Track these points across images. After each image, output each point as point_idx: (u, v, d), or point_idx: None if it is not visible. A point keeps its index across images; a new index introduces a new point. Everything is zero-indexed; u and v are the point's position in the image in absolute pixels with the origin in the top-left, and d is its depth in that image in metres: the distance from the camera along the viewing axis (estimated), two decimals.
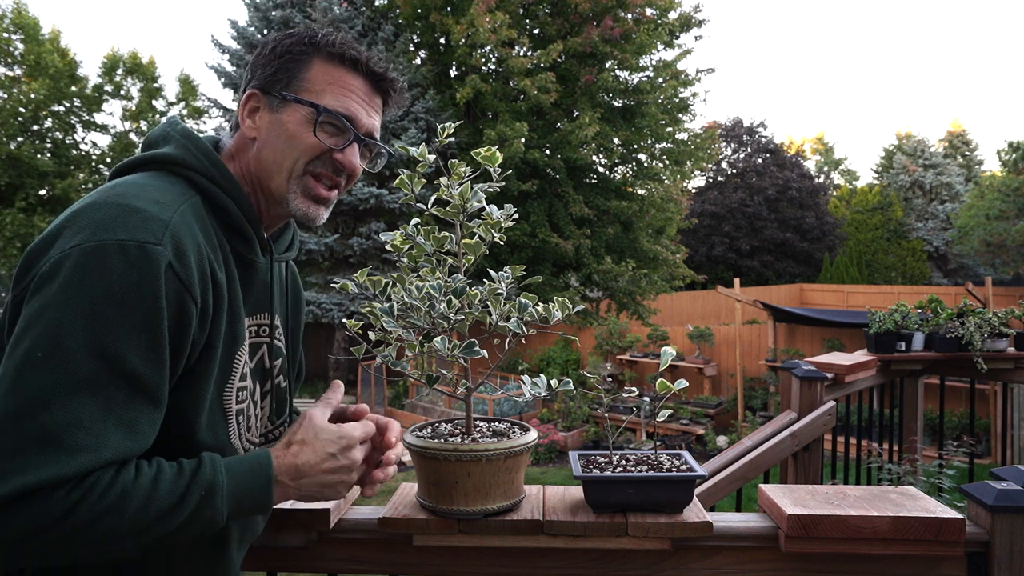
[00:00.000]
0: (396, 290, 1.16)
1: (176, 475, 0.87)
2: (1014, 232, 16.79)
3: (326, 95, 1.06)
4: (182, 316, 0.88)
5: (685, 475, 1.16)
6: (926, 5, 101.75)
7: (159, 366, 0.86)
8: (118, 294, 0.82)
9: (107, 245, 0.83)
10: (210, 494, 0.88)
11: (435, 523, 1.14)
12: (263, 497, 0.94)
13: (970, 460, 4.07)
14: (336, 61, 1.07)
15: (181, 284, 0.87)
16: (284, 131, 1.05)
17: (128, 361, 0.83)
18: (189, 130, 1.05)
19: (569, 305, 1.17)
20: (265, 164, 1.06)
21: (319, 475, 0.99)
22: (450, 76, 13.50)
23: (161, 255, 0.85)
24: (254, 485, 0.93)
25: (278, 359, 1.16)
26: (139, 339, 0.83)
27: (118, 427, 0.82)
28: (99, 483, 0.81)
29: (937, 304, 3.96)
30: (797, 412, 2.87)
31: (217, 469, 0.90)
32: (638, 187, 13.71)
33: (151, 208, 0.88)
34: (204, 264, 0.92)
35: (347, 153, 1.07)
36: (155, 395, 0.86)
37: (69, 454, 0.78)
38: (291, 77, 1.06)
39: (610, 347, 10.74)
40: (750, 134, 23.65)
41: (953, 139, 27.40)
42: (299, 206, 1.07)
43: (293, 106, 1.05)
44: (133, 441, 0.84)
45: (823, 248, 21.84)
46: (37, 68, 15.53)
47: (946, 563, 1.14)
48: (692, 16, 13.36)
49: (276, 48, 1.07)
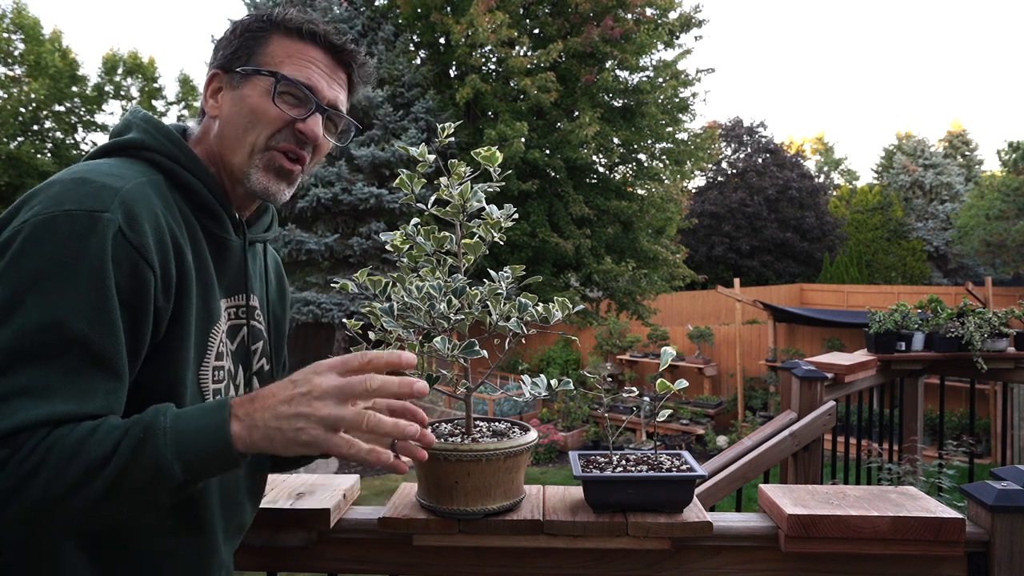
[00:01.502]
0: (396, 290, 1.16)
1: (114, 426, 0.80)
2: (1014, 232, 16.78)
3: (285, 66, 1.05)
4: (137, 282, 0.86)
5: (685, 475, 1.16)
6: (926, 5, 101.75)
7: (110, 332, 0.83)
8: (63, 261, 0.81)
9: (55, 216, 0.83)
10: (149, 435, 0.78)
11: (435, 523, 1.14)
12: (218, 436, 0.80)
13: (970, 460, 4.07)
14: (294, 35, 1.06)
15: (133, 249, 0.85)
16: (244, 105, 1.04)
17: (75, 327, 0.81)
18: (151, 116, 1.05)
19: (569, 305, 1.17)
20: (227, 141, 1.05)
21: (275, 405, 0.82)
22: (450, 76, 13.50)
23: (108, 220, 0.84)
24: (207, 424, 0.81)
25: (259, 341, 1.15)
26: (84, 304, 0.81)
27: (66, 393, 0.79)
28: (28, 442, 0.76)
29: (937, 304, 3.96)
30: (797, 412, 2.87)
31: (160, 411, 0.82)
32: (638, 187, 13.71)
33: (103, 179, 0.88)
34: (164, 234, 0.91)
35: (309, 123, 1.05)
36: (108, 361, 0.83)
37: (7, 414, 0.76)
38: (250, 53, 1.05)
39: (610, 347, 10.74)
40: (750, 134, 23.64)
41: (953, 139, 27.40)
42: (259, 180, 1.05)
43: (253, 80, 1.04)
44: (80, 406, 0.80)
45: (823, 248, 21.84)
46: (37, 68, 15.54)
47: (946, 563, 1.14)
48: (692, 16, 13.35)
49: (236, 28, 1.07)
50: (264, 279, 1.20)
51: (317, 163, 1.13)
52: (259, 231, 1.16)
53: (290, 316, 1.32)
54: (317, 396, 0.82)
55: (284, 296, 1.28)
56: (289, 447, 0.82)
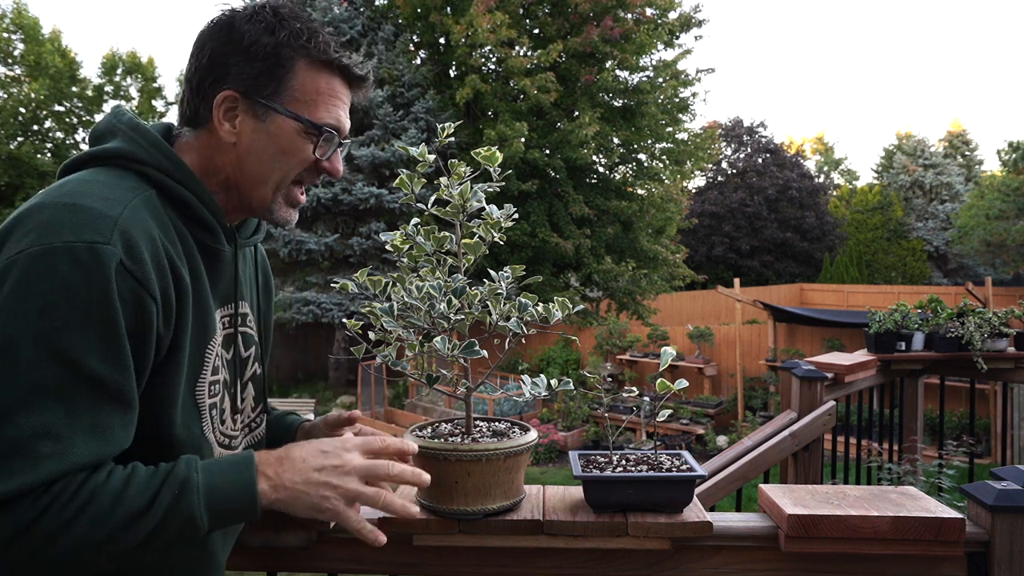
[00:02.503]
0: (396, 290, 1.16)
1: (150, 476, 0.84)
2: (1014, 232, 16.79)
3: (319, 108, 1.02)
4: (141, 314, 0.85)
5: (685, 475, 1.16)
6: (926, 5, 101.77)
7: (121, 367, 0.83)
8: (68, 297, 0.80)
9: (54, 248, 0.81)
10: (184, 490, 0.84)
11: (435, 523, 1.14)
12: (246, 493, 0.87)
13: (970, 460, 4.07)
14: (322, 67, 1.02)
15: (136, 281, 0.84)
16: (273, 144, 1.00)
17: (87, 364, 0.80)
18: (136, 121, 1.00)
19: (569, 305, 1.17)
20: (249, 174, 1.02)
21: (306, 470, 0.91)
22: (450, 76, 13.51)
23: (110, 254, 0.82)
24: (236, 479, 0.87)
25: (251, 347, 1.14)
26: (95, 341, 0.81)
27: (87, 433, 0.80)
28: (67, 488, 0.78)
29: (937, 304, 3.96)
30: (797, 412, 2.87)
31: (192, 466, 0.86)
32: (638, 187, 13.72)
33: (98, 205, 0.85)
34: (162, 259, 0.89)
35: (333, 160, 1.06)
36: (122, 397, 0.84)
37: (34, 463, 0.76)
38: (277, 84, 1.00)
39: (610, 347, 10.74)
40: (750, 134, 23.65)
41: (953, 139, 27.41)
42: (281, 215, 1.06)
43: (282, 117, 1.00)
44: (104, 445, 0.82)
45: (823, 248, 21.85)
46: (37, 68, 15.54)
47: (946, 563, 1.14)
48: (692, 16, 13.36)
49: (256, 47, 0.99)
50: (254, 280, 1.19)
51: None
52: (248, 232, 1.14)
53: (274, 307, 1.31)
54: (347, 472, 0.93)
55: (269, 291, 1.27)
56: (308, 511, 0.92)
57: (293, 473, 0.90)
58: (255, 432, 1.17)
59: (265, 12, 1.01)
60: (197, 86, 1.01)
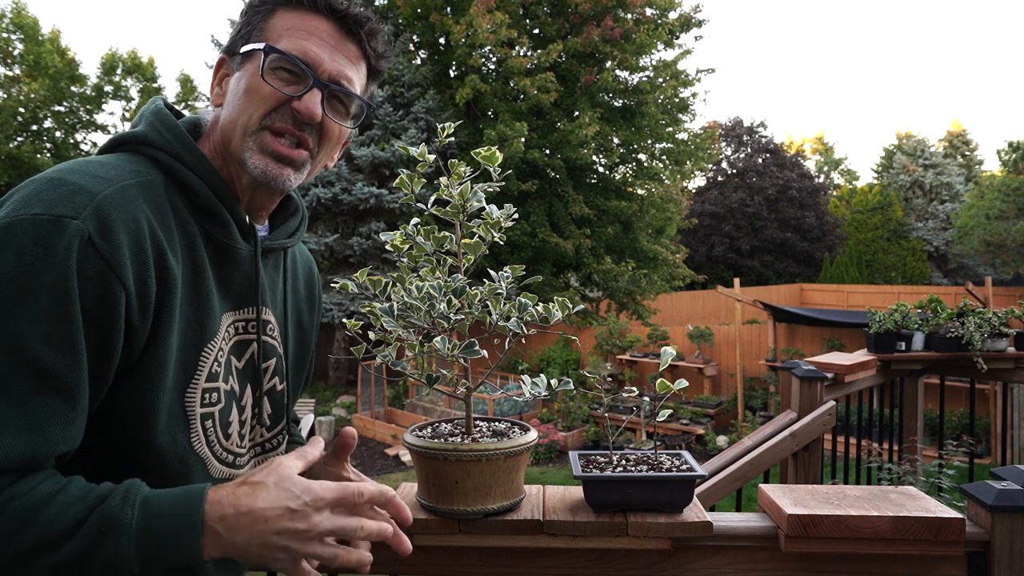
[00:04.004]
0: (396, 290, 1.16)
1: (79, 498, 0.73)
2: (1014, 232, 16.79)
3: (283, 39, 0.96)
4: (105, 299, 0.78)
5: (685, 475, 1.16)
6: (926, 5, 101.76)
7: (71, 354, 0.75)
8: (22, 272, 0.73)
9: (21, 219, 0.75)
10: (111, 530, 0.71)
11: (435, 523, 1.14)
12: (185, 545, 0.73)
13: (970, 460, 4.07)
14: (297, 6, 0.98)
15: (104, 262, 0.77)
16: (239, 86, 0.97)
17: (29, 346, 0.72)
18: (163, 109, 0.97)
19: (569, 305, 1.17)
20: (225, 127, 0.97)
21: (265, 531, 0.77)
22: (450, 76, 13.51)
23: (75, 229, 0.76)
24: (176, 527, 0.74)
25: (271, 359, 1.06)
26: (43, 321, 0.73)
27: (18, 425, 0.71)
28: None
29: (937, 304, 3.96)
30: (797, 412, 2.87)
31: (129, 501, 0.74)
32: (638, 187, 13.72)
33: (82, 181, 0.80)
34: (144, 244, 0.82)
35: (305, 100, 0.95)
36: (67, 389, 0.75)
37: None
38: (252, 30, 0.98)
39: (610, 347, 10.74)
40: (750, 134, 23.65)
41: (953, 139, 27.42)
42: (256, 163, 0.95)
43: (250, 58, 0.96)
44: (35, 443, 0.72)
45: (823, 248, 21.85)
46: (37, 68, 15.54)
47: (946, 563, 1.14)
48: (692, 16, 13.36)
49: (245, 9, 1.01)
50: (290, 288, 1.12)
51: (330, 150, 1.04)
52: (284, 235, 1.08)
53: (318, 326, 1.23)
54: (312, 537, 0.79)
55: (314, 305, 1.19)
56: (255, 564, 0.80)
57: (248, 534, 0.76)
58: (270, 453, 1.08)
59: None
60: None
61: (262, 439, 1.07)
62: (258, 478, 0.81)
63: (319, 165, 1.04)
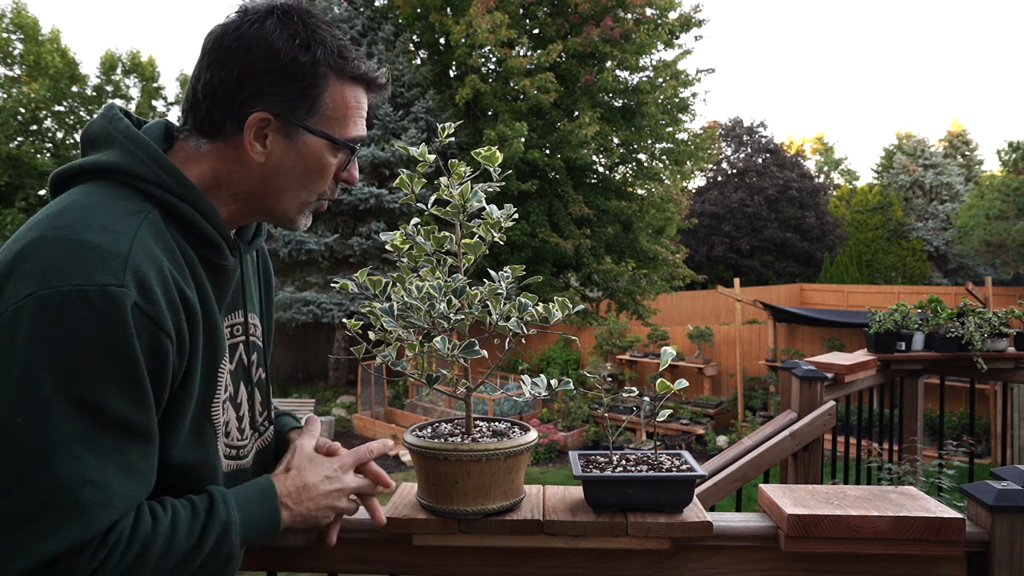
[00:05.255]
0: (396, 290, 1.16)
1: (191, 517, 0.88)
2: (1014, 232, 16.79)
3: (347, 124, 1.01)
4: (158, 355, 0.84)
5: (685, 475, 1.16)
6: (926, 5, 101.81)
7: (144, 406, 0.83)
8: (86, 344, 0.78)
9: (64, 292, 0.77)
10: (225, 532, 0.89)
11: (435, 523, 1.14)
12: (272, 525, 0.97)
13: (970, 460, 4.07)
14: (352, 82, 1.01)
15: (151, 322, 0.82)
16: (303, 163, 0.99)
17: (112, 408, 0.80)
18: (132, 129, 0.94)
19: (569, 305, 1.17)
20: (275, 189, 1.01)
21: (317, 496, 1.02)
22: (450, 76, 13.52)
23: (125, 296, 0.80)
24: (263, 514, 0.96)
25: (254, 353, 1.12)
26: (117, 385, 0.80)
27: (120, 473, 0.80)
28: (121, 538, 0.80)
29: (937, 304, 3.96)
30: (797, 412, 2.87)
31: (229, 505, 0.91)
32: (638, 187, 13.72)
33: (104, 241, 0.82)
34: (172, 293, 0.87)
35: (351, 169, 1.06)
36: (145, 433, 0.84)
37: (80, 514, 0.76)
38: (311, 104, 0.97)
39: (610, 347, 10.74)
40: (750, 134, 23.65)
41: (953, 139, 27.42)
42: (302, 223, 1.08)
43: (313, 137, 0.99)
44: (136, 484, 0.83)
45: (823, 248, 21.85)
46: (37, 68, 15.54)
47: (946, 563, 1.14)
48: (692, 16, 13.36)
49: (292, 66, 0.94)
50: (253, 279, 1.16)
51: None
52: (248, 237, 1.12)
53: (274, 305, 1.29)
54: (345, 493, 1.07)
55: (271, 290, 1.25)
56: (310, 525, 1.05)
57: (309, 503, 1.02)
58: (263, 436, 1.15)
59: (295, 24, 0.95)
60: (223, 99, 0.95)
61: (257, 425, 1.14)
62: (296, 463, 1.05)
63: None
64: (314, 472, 1.04)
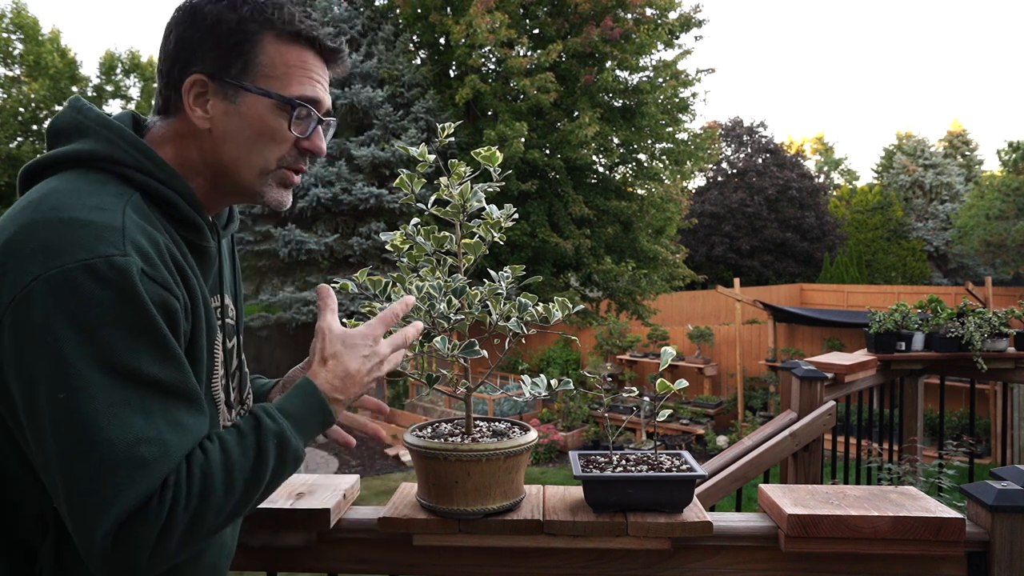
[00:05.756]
0: (396, 290, 1.16)
1: (239, 438, 0.89)
2: (1014, 232, 16.79)
3: (291, 83, 0.98)
4: (171, 315, 0.86)
5: (685, 475, 1.16)
6: (926, 5, 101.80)
7: (175, 365, 0.85)
8: (106, 314, 0.79)
9: (70, 269, 0.78)
10: (283, 440, 0.91)
11: (435, 523, 1.14)
12: (327, 420, 0.98)
13: (970, 460, 4.07)
14: (290, 39, 0.98)
15: (159, 286, 0.84)
16: (248, 126, 0.97)
17: (146, 371, 0.81)
18: (104, 116, 0.95)
19: (569, 305, 1.17)
20: (229, 159, 0.99)
21: (361, 379, 1.01)
22: (450, 76, 13.51)
23: (130, 263, 0.81)
24: (314, 413, 0.97)
25: (234, 338, 1.14)
26: (145, 349, 0.81)
27: (170, 429, 0.83)
28: (180, 479, 0.82)
29: (937, 304, 3.96)
30: (797, 412, 2.87)
31: (275, 416, 0.92)
32: (638, 187, 13.71)
33: (96, 217, 0.82)
34: (167, 259, 0.88)
35: (314, 140, 1.02)
36: (186, 392, 0.86)
37: (143, 468, 0.79)
38: (245, 62, 0.96)
39: (610, 347, 10.74)
40: (750, 134, 23.64)
41: (953, 139, 27.40)
42: (273, 197, 1.04)
43: (253, 96, 0.96)
44: (188, 439, 0.85)
45: (823, 248, 21.85)
46: (37, 68, 15.54)
47: (946, 563, 1.14)
48: (692, 16, 13.35)
49: (220, 26, 0.95)
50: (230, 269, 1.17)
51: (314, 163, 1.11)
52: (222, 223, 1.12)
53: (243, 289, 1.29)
54: (385, 360, 1.04)
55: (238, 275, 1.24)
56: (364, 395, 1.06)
57: (356, 388, 1.01)
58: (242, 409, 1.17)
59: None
60: (167, 73, 0.98)
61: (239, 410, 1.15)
62: (331, 350, 1.02)
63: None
64: (352, 356, 1.01)
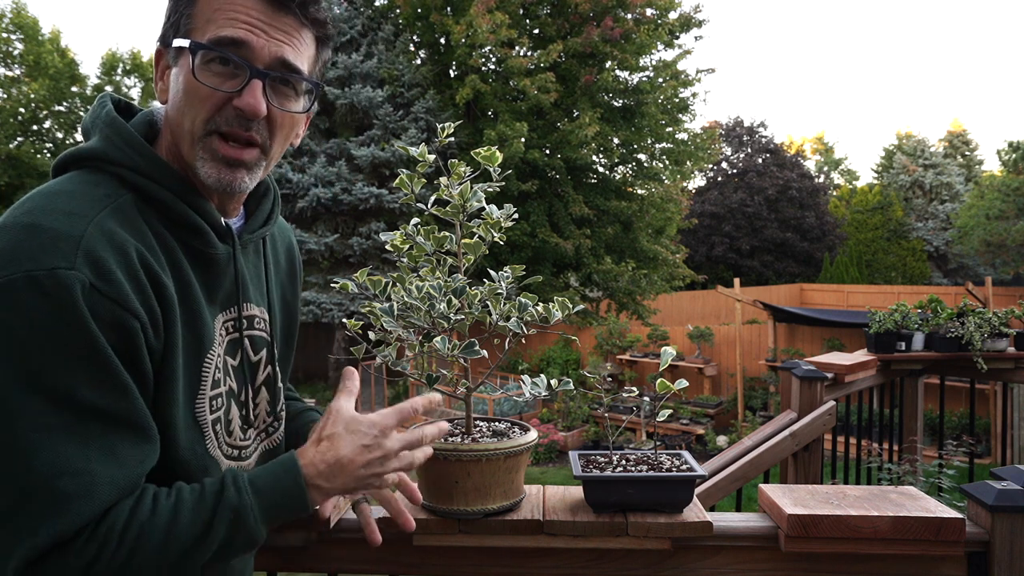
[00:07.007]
0: (396, 290, 1.16)
1: (197, 502, 0.82)
2: (1014, 232, 16.78)
3: (209, 28, 0.86)
4: (125, 335, 0.80)
5: (685, 475, 1.16)
6: (926, 5, 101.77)
7: (120, 391, 0.79)
8: (41, 331, 0.74)
9: (15, 280, 0.74)
10: (239, 518, 0.83)
11: (435, 523, 1.14)
12: (299, 505, 0.88)
13: (970, 460, 4.07)
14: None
15: (111, 302, 0.78)
16: (177, 85, 0.89)
17: (83, 395, 0.76)
18: (112, 115, 0.91)
19: (569, 305, 1.17)
20: (174, 129, 0.91)
21: (355, 470, 0.91)
22: (450, 76, 13.51)
23: (74, 279, 0.75)
24: (287, 495, 0.87)
25: (261, 350, 1.07)
26: (83, 371, 0.76)
27: (105, 461, 0.77)
28: (114, 529, 0.77)
29: (937, 304, 3.96)
30: (797, 412, 2.87)
31: (241, 489, 0.85)
32: (638, 187, 13.72)
33: (59, 224, 0.78)
34: (138, 273, 0.82)
35: (245, 96, 0.87)
36: (129, 420, 0.80)
37: (61, 506, 0.74)
38: (180, 18, 0.88)
39: (610, 347, 10.74)
40: (750, 134, 23.65)
41: (953, 139, 27.39)
42: (209, 172, 0.90)
43: (183, 54, 0.88)
44: (125, 471, 0.79)
45: (823, 248, 21.85)
46: (37, 68, 15.55)
47: (946, 563, 1.14)
48: (692, 16, 13.36)
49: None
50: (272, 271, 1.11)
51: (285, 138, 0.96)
52: (258, 223, 1.05)
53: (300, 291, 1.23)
54: (388, 458, 0.94)
55: (295, 276, 1.19)
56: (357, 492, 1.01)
57: (344, 478, 0.91)
58: (272, 437, 1.11)
59: None
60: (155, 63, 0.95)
61: (265, 425, 1.09)
62: (329, 431, 0.92)
63: (275, 157, 0.98)
64: (349, 442, 0.91)
